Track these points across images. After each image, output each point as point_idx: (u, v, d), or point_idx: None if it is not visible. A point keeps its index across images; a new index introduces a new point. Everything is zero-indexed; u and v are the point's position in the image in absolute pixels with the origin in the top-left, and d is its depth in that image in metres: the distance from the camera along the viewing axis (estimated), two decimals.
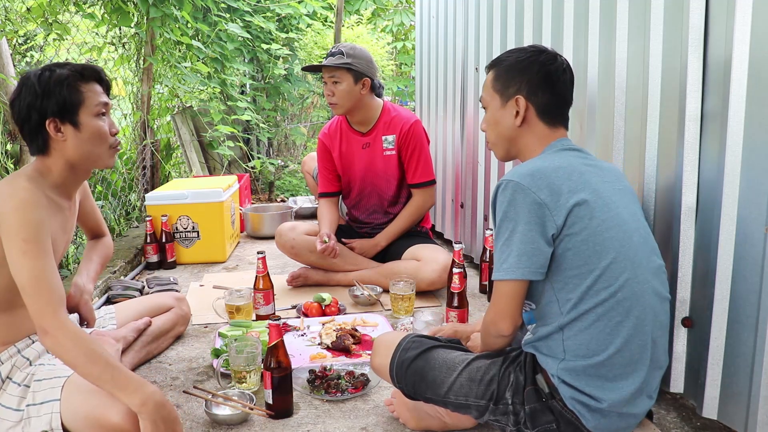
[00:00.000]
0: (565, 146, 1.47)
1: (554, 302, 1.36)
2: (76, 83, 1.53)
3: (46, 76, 1.51)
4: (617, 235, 1.33)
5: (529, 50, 1.50)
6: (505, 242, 1.36)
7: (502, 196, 1.38)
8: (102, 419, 1.39)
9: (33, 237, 1.42)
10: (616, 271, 1.32)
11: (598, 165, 1.45)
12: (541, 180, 1.34)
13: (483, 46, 2.87)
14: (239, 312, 2.32)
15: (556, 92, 1.48)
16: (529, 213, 1.33)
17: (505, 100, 1.50)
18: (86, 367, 1.38)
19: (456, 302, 2.06)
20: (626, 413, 1.34)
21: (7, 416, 1.49)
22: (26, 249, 1.40)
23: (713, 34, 1.45)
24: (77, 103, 1.52)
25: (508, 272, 1.35)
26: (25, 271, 1.40)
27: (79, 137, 1.54)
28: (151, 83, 4.08)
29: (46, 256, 1.43)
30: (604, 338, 1.32)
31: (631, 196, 1.46)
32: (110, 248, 1.99)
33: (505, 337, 1.43)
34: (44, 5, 3.28)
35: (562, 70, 1.48)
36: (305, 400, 1.79)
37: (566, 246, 1.32)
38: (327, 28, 5.83)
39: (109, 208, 3.77)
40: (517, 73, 1.48)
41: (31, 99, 1.50)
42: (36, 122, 1.51)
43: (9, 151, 3.14)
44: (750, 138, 1.37)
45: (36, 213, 1.44)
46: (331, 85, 2.66)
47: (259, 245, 3.59)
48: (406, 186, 2.85)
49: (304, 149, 6.43)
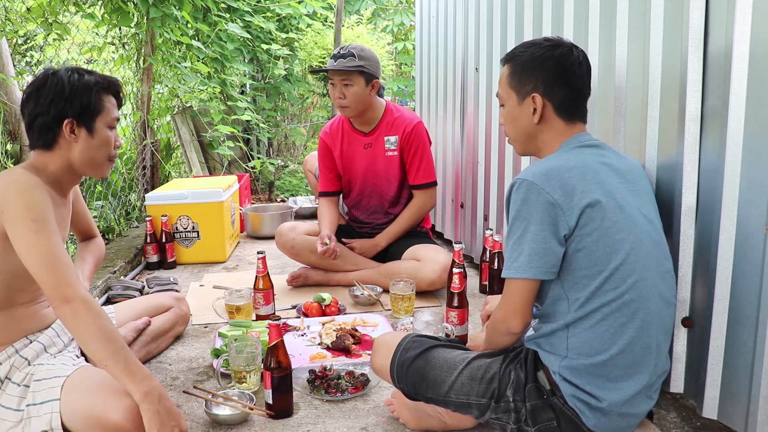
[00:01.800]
0: (582, 143, 1.45)
1: (564, 300, 1.36)
2: (100, 92, 1.60)
3: (75, 78, 1.57)
4: (628, 237, 1.33)
5: (545, 44, 1.47)
6: (517, 241, 1.36)
7: (515, 195, 1.37)
8: (102, 418, 1.39)
9: (41, 216, 1.44)
10: (625, 273, 1.31)
11: (615, 163, 1.43)
12: (555, 180, 1.33)
13: (483, 46, 2.87)
14: (239, 312, 2.32)
15: (573, 87, 1.45)
16: (542, 213, 1.32)
17: (522, 97, 1.48)
18: (100, 344, 1.37)
19: (456, 302, 2.06)
20: (626, 413, 1.35)
21: (7, 416, 1.49)
22: (38, 228, 1.42)
23: (713, 33, 1.45)
24: (98, 110, 1.60)
25: (519, 271, 1.35)
26: (41, 248, 1.41)
27: (89, 142, 1.59)
28: (151, 83, 4.08)
29: (56, 235, 1.46)
30: (608, 338, 1.32)
31: (647, 197, 1.45)
32: (102, 249, 2.01)
33: (514, 335, 1.42)
34: (44, 5, 3.28)
35: (578, 63, 1.45)
36: (305, 400, 1.79)
37: (577, 246, 1.32)
38: (327, 28, 5.83)
39: (109, 208, 3.77)
40: (533, 69, 1.46)
41: (55, 96, 1.55)
42: (53, 118, 1.56)
43: (9, 151, 3.14)
44: (750, 138, 1.36)
45: (40, 194, 1.47)
46: (342, 88, 2.63)
47: (259, 245, 3.59)
48: (407, 187, 2.84)
49: (304, 149, 6.43)
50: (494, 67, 2.74)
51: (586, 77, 1.48)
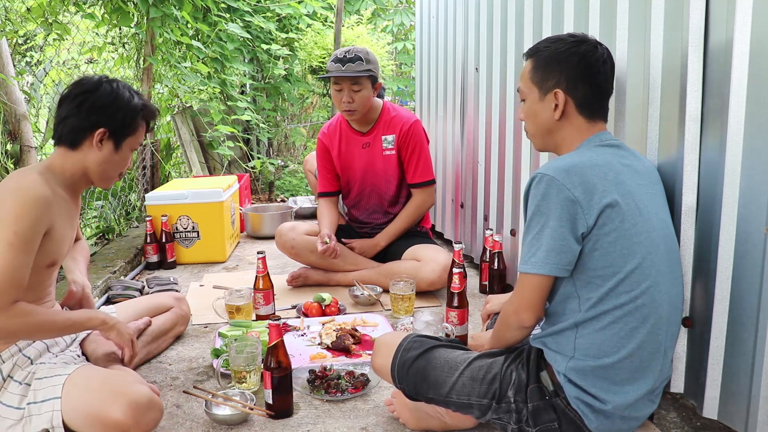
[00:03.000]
0: (603, 141, 1.44)
1: (575, 299, 1.35)
2: (139, 117, 1.69)
3: (126, 96, 1.66)
4: (645, 241, 1.32)
5: (569, 40, 1.45)
6: (535, 236, 1.35)
7: (535, 189, 1.36)
8: (103, 415, 1.41)
9: (24, 232, 1.46)
10: (639, 277, 1.31)
11: (635, 164, 1.42)
12: (576, 177, 1.32)
13: (483, 46, 2.87)
14: (239, 312, 2.32)
15: (596, 84, 1.44)
16: (562, 209, 1.31)
17: (544, 93, 1.46)
18: (47, 332, 1.58)
19: (456, 302, 2.06)
20: (629, 416, 1.34)
21: (8, 414, 1.49)
22: (14, 241, 1.45)
23: (713, 33, 1.45)
24: (131, 132, 1.68)
25: (536, 266, 1.34)
26: (4, 260, 1.43)
27: (111, 156, 1.66)
28: (151, 83, 4.08)
29: (29, 255, 1.48)
30: (618, 341, 1.31)
31: (662, 201, 1.45)
32: (87, 250, 2.05)
33: (525, 329, 1.42)
34: (44, 5, 3.28)
35: (602, 60, 1.43)
36: (305, 400, 1.79)
37: (594, 246, 1.31)
38: (327, 28, 5.82)
39: (109, 208, 3.77)
40: (556, 65, 1.44)
41: (103, 103, 1.62)
42: (91, 123, 1.62)
43: (9, 151, 3.14)
44: (750, 138, 1.36)
45: (36, 211, 1.48)
46: (351, 93, 2.62)
47: (259, 245, 3.59)
48: (405, 186, 2.84)
49: (304, 149, 6.43)
50: (494, 67, 2.74)
51: (609, 75, 1.46)
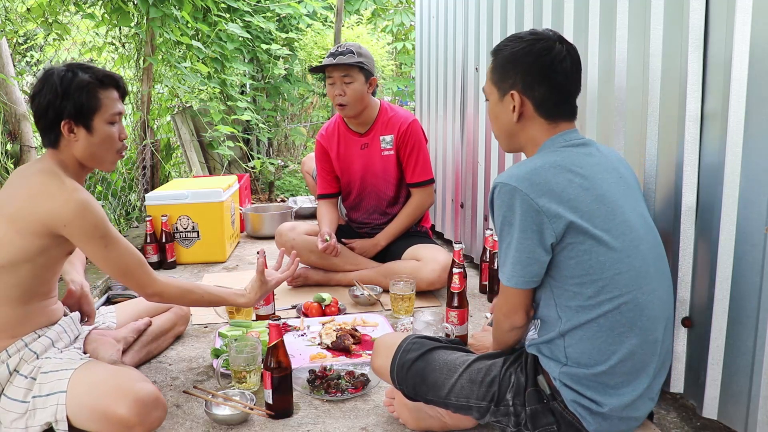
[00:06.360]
0: (569, 141, 1.38)
1: (552, 306, 1.35)
2: (95, 89, 1.59)
3: (68, 77, 1.56)
4: (623, 245, 1.29)
5: (527, 38, 1.39)
6: (504, 248, 1.36)
7: (498, 199, 1.33)
8: (108, 411, 1.41)
9: (106, 231, 1.55)
10: (620, 283, 1.28)
11: (604, 162, 1.37)
12: (540, 185, 1.28)
13: (483, 46, 2.87)
14: (239, 312, 2.32)
15: (555, 84, 1.37)
16: (526, 220, 1.28)
17: (502, 94, 1.42)
18: (195, 303, 1.81)
19: (456, 302, 2.06)
20: (628, 417, 1.34)
21: (12, 408, 1.50)
22: (107, 242, 1.55)
23: (713, 34, 1.45)
24: (94, 109, 1.59)
25: (504, 278, 1.37)
26: (114, 260, 1.58)
27: (89, 140, 1.60)
28: (151, 83, 4.08)
29: (119, 238, 1.60)
30: (606, 348, 1.30)
31: (637, 194, 1.41)
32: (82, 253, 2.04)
33: (519, 329, 1.42)
34: (44, 5, 3.28)
35: (560, 59, 1.36)
36: (305, 400, 1.79)
37: (568, 254, 1.29)
38: (327, 28, 5.83)
39: (109, 208, 3.77)
40: (512, 66, 1.39)
41: (51, 97, 1.56)
42: (52, 120, 1.58)
43: (9, 151, 3.14)
44: (750, 138, 1.37)
45: (97, 206, 1.55)
46: (342, 85, 2.62)
47: (259, 245, 3.59)
48: (405, 186, 2.84)
49: (303, 149, 6.43)
50: None
51: (571, 73, 1.38)
